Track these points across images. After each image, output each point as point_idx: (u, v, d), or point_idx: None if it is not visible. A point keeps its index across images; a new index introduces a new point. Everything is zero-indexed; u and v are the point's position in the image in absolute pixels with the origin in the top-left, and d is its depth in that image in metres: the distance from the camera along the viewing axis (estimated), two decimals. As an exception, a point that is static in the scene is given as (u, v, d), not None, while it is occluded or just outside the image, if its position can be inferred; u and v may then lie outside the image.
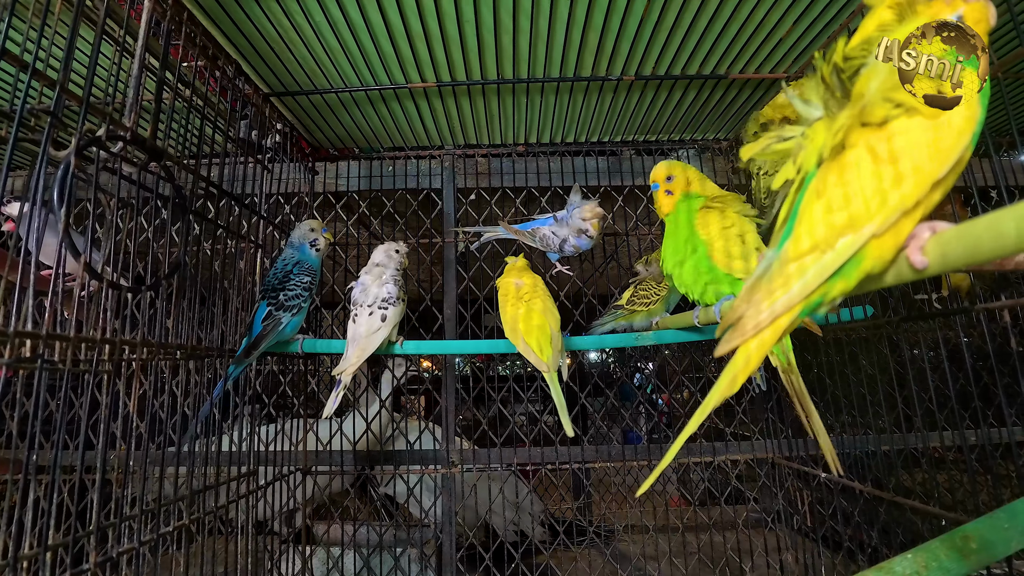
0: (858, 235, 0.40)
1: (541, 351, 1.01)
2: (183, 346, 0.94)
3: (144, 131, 0.82)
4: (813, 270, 0.41)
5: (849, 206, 0.40)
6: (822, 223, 0.41)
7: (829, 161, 0.43)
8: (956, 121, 0.38)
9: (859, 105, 0.41)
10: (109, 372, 0.78)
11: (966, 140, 0.38)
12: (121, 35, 0.81)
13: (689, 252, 0.88)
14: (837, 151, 0.43)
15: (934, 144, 0.38)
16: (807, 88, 0.48)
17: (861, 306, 1.05)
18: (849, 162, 0.41)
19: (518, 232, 1.32)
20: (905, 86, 0.38)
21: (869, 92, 0.40)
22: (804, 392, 0.78)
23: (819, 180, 0.43)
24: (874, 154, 0.39)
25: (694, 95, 1.33)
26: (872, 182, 0.39)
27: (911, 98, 0.38)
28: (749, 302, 0.44)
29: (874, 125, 0.40)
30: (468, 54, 1.14)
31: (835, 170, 0.42)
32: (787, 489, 1.51)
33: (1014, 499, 0.68)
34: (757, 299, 0.44)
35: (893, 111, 0.39)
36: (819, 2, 1.00)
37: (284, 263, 1.19)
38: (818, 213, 0.42)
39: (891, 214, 0.39)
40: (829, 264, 0.40)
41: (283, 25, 1.03)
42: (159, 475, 0.86)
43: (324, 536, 1.71)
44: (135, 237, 0.85)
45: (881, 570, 0.63)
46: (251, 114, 1.22)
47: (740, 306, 0.44)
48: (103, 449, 0.80)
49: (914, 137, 0.38)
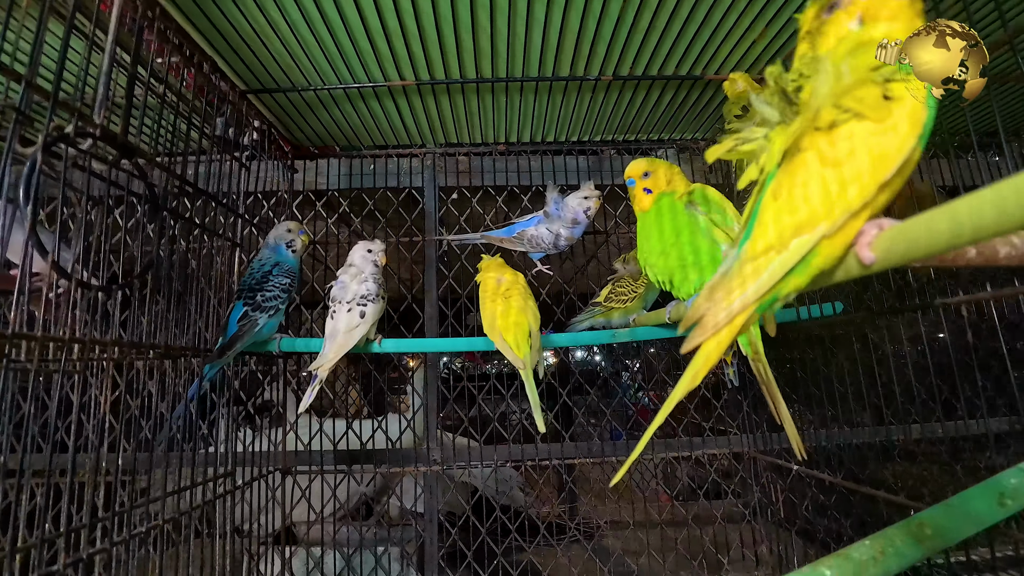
0: (810, 235, 0.41)
1: (518, 348, 1.02)
2: (157, 346, 0.93)
3: (115, 128, 0.81)
4: (768, 270, 0.42)
5: (802, 207, 0.41)
6: (776, 224, 0.42)
7: (786, 163, 0.45)
8: (901, 126, 0.39)
9: (812, 110, 0.43)
10: (79, 372, 0.77)
11: (911, 143, 0.40)
12: (91, 29, 0.80)
13: (678, 238, 0.88)
14: (793, 154, 0.44)
15: (880, 148, 0.39)
16: (767, 92, 0.49)
17: (830, 303, 1.08)
18: (802, 164, 0.42)
19: (503, 240, 1.33)
20: (852, 92, 0.40)
21: (817, 98, 0.41)
22: (771, 379, 0.79)
23: (776, 182, 0.45)
24: (824, 157, 0.41)
25: (671, 95, 1.35)
26: (823, 184, 0.41)
27: (857, 103, 0.40)
28: (711, 300, 0.45)
29: (825, 129, 0.41)
30: (446, 53, 1.14)
31: (790, 172, 0.43)
32: (763, 483, 1.54)
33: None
34: (718, 298, 0.45)
35: (842, 115, 0.40)
36: (790, 6, 1.03)
37: (261, 263, 1.18)
38: (774, 214, 0.43)
39: (841, 215, 0.40)
40: (783, 264, 0.42)
41: (258, 21, 1.02)
42: (131, 477, 0.85)
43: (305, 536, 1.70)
44: (105, 235, 0.84)
45: (840, 556, 0.65)
46: (227, 112, 1.21)
47: (702, 305, 0.45)
48: (73, 451, 0.79)
49: (861, 141, 0.39)
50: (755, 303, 0.43)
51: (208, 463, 1.14)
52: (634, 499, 1.72)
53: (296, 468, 1.46)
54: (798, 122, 0.44)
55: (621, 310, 1.21)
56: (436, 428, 1.51)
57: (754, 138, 0.49)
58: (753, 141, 0.49)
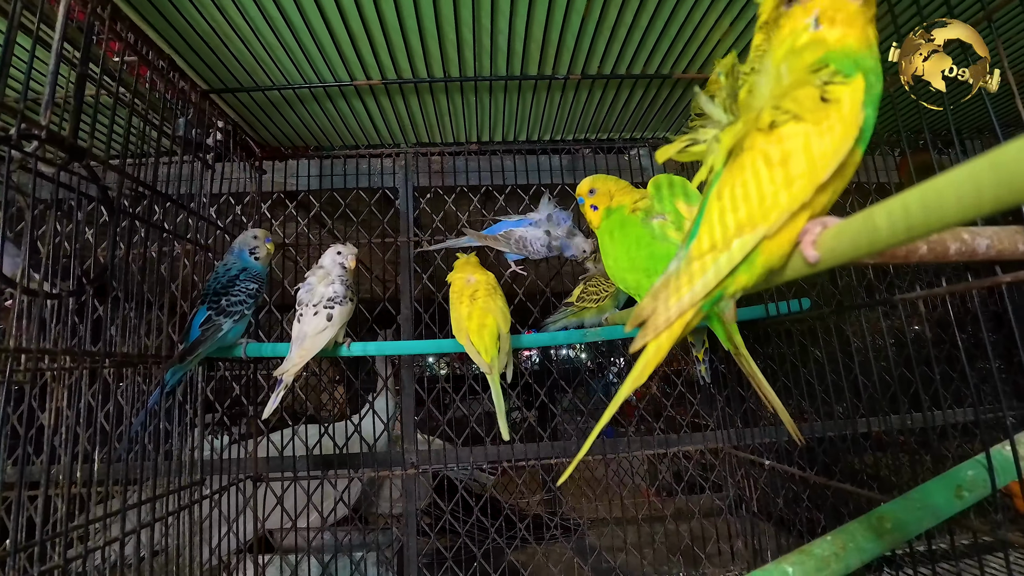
0: (751, 235, 0.41)
1: (485, 351, 1.00)
2: (114, 354, 0.91)
3: (63, 129, 0.79)
4: (713, 268, 0.42)
5: (742, 208, 0.41)
6: (721, 224, 0.42)
7: (730, 163, 0.45)
8: (838, 128, 0.39)
9: (754, 111, 0.43)
10: (27, 383, 0.74)
11: (848, 145, 0.40)
12: (36, 26, 0.77)
13: (633, 251, 0.89)
14: (737, 154, 0.44)
15: (817, 149, 0.39)
16: (718, 94, 0.49)
17: (798, 299, 1.10)
18: (744, 165, 0.42)
19: (486, 238, 1.32)
20: (790, 93, 0.40)
21: (758, 100, 0.41)
22: (756, 371, 0.80)
23: (720, 182, 0.45)
24: (765, 158, 0.41)
25: (641, 94, 1.35)
26: (762, 185, 0.41)
27: (795, 105, 0.40)
28: (657, 299, 0.45)
29: (766, 130, 0.41)
30: (412, 53, 1.12)
31: (733, 172, 0.43)
32: (739, 478, 1.56)
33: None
34: (665, 296, 0.45)
35: (781, 117, 0.40)
36: (753, 5, 1.03)
37: (227, 268, 1.15)
38: (718, 214, 0.43)
39: (781, 216, 0.40)
40: (726, 263, 0.42)
41: (217, 20, 0.99)
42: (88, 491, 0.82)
43: (280, 543, 1.68)
44: (56, 241, 0.81)
45: (802, 552, 0.65)
46: (189, 112, 1.18)
47: (648, 305, 0.45)
48: (22, 464, 0.76)
49: (799, 143, 0.39)
50: (701, 300, 0.43)
51: (175, 472, 1.12)
52: (612, 496, 1.73)
53: (268, 475, 1.43)
54: (741, 122, 0.44)
55: (594, 309, 1.21)
56: (413, 430, 1.49)
57: (703, 139, 0.49)
58: (703, 142, 0.49)
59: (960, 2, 1.02)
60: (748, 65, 0.48)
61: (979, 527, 0.82)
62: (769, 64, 0.44)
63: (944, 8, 0.96)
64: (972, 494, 0.73)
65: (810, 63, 0.41)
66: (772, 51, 0.43)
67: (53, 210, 0.82)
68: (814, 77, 0.40)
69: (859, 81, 0.39)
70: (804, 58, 0.42)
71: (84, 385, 0.83)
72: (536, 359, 4.07)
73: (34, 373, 0.74)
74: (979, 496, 0.74)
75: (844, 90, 0.39)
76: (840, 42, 0.42)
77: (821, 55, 0.42)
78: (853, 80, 0.39)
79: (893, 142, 1.66)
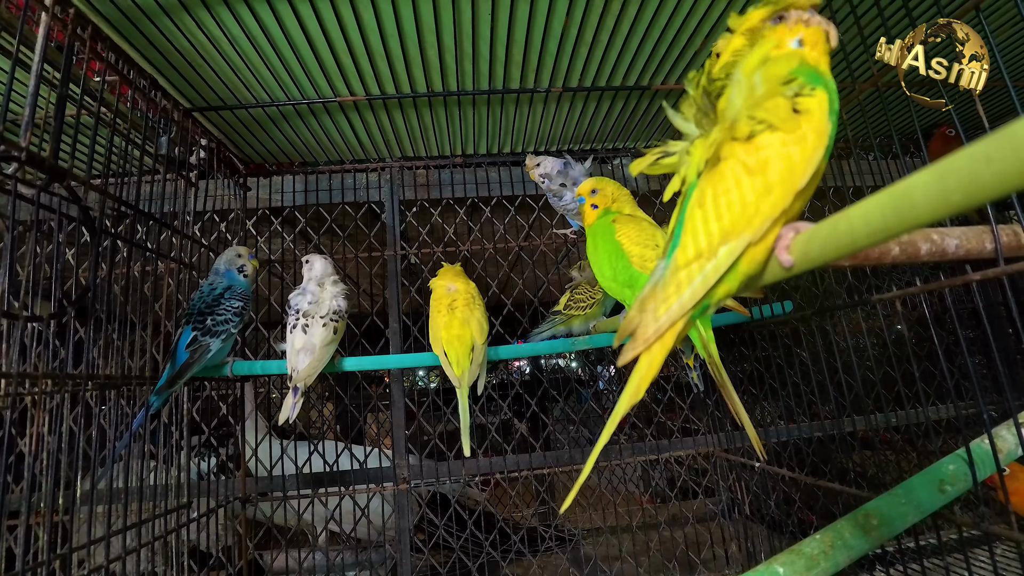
0: (737, 242, 0.42)
1: (457, 363, 0.99)
2: (96, 376, 0.89)
3: (43, 151, 0.78)
4: (701, 276, 0.43)
5: (726, 215, 0.42)
6: (705, 231, 0.43)
7: (707, 172, 0.46)
8: (811, 136, 0.41)
9: (728, 121, 0.44)
10: (6, 408, 0.72)
11: (821, 152, 0.41)
12: (16, 47, 0.76)
13: (612, 259, 0.91)
14: (713, 163, 0.46)
15: (794, 157, 0.41)
16: (685, 107, 0.51)
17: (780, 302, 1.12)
18: (724, 173, 0.43)
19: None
20: (763, 104, 0.42)
21: (732, 109, 0.43)
22: (726, 380, 0.81)
23: (699, 191, 0.46)
24: (745, 167, 0.42)
25: (621, 105, 1.38)
26: (746, 192, 0.42)
27: (770, 115, 0.41)
28: (643, 311, 0.46)
29: (743, 139, 0.43)
30: (395, 67, 1.14)
31: (713, 181, 0.45)
32: (731, 481, 1.57)
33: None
34: (652, 307, 0.45)
35: (757, 127, 0.42)
36: (728, 17, 1.06)
37: (212, 287, 1.14)
38: (701, 222, 0.44)
39: (765, 221, 0.41)
40: (713, 271, 0.42)
41: (198, 38, 1.00)
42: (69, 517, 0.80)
43: (271, 565, 1.64)
44: (30, 261, 0.80)
45: (792, 552, 0.66)
46: (171, 130, 1.17)
47: (635, 317, 0.45)
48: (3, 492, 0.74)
49: (776, 151, 0.41)
50: (690, 309, 0.44)
51: (161, 496, 1.09)
52: (606, 505, 1.73)
53: (257, 496, 1.41)
54: (716, 132, 0.45)
55: (581, 317, 1.22)
56: (404, 444, 1.48)
57: (674, 151, 0.50)
58: (673, 155, 0.50)
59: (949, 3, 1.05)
60: (723, 70, 0.49)
61: (965, 521, 0.83)
62: (741, 74, 0.45)
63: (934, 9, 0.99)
64: (954, 488, 0.75)
65: (783, 75, 0.43)
66: (748, 58, 0.45)
67: (33, 231, 0.81)
68: (785, 89, 0.42)
69: (824, 93, 0.41)
70: (779, 68, 0.44)
71: (66, 409, 0.82)
72: (527, 369, 4.07)
73: (14, 398, 0.73)
74: (961, 490, 0.75)
75: (813, 102, 0.41)
76: (815, 61, 0.46)
77: (795, 66, 0.44)
78: (819, 91, 0.41)
79: (867, 147, 1.71)
